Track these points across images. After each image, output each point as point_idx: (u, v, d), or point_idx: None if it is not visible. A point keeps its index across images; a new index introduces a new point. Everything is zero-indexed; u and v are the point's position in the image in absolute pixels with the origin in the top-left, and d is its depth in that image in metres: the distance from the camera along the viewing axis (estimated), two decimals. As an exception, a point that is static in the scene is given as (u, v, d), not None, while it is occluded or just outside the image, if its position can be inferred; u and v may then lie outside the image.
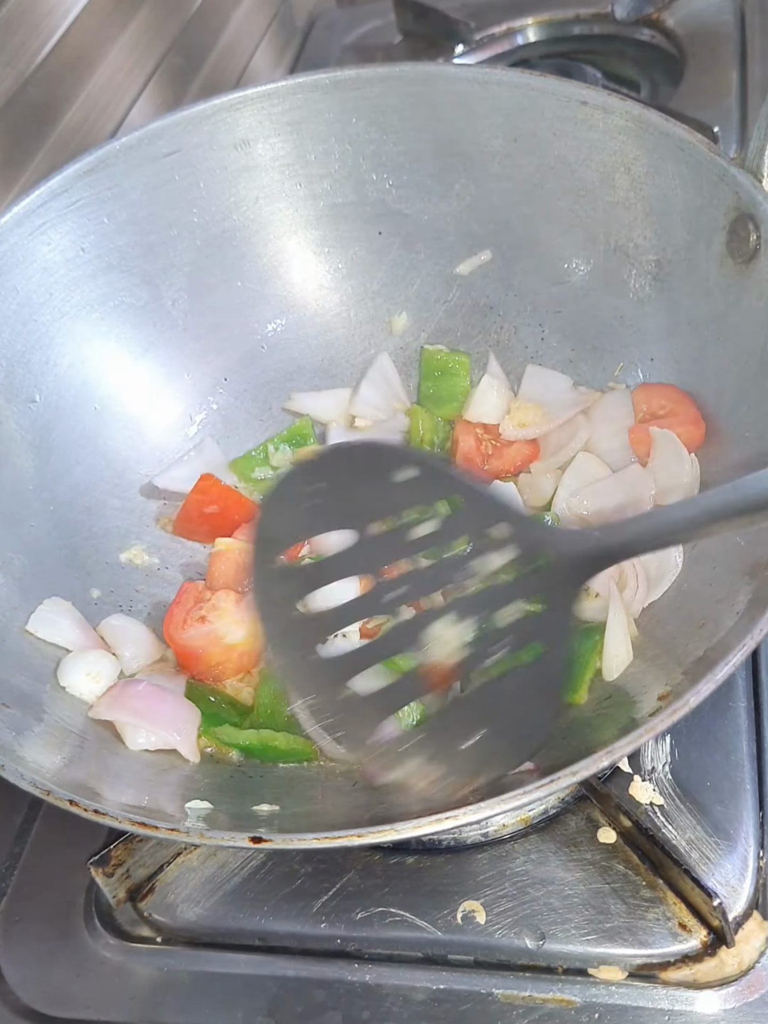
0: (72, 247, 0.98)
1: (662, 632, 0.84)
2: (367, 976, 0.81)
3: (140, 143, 0.99)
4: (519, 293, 1.08)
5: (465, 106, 1.01)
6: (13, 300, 0.94)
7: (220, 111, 1.01)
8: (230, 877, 0.87)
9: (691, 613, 0.81)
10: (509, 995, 0.78)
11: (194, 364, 1.08)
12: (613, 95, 0.95)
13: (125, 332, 1.03)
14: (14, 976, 0.85)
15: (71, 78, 1.28)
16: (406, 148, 1.05)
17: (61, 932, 0.87)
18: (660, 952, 0.78)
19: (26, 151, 1.19)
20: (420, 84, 1.01)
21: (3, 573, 0.85)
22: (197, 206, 1.05)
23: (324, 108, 1.02)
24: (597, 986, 0.77)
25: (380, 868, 0.85)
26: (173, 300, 1.06)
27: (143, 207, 1.01)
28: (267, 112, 1.02)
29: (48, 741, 0.77)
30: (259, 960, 0.83)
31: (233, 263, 1.08)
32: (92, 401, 1.01)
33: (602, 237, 1.00)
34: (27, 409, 0.95)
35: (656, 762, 0.86)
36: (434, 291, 1.11)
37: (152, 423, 1.06)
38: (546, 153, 1.00)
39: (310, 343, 1.12)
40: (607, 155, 0.96)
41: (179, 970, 0.83)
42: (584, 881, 0.82)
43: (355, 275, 1.11)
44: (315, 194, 1.07)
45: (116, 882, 0.85)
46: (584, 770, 0.62)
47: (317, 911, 0.84)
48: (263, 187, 1.06)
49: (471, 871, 0.84)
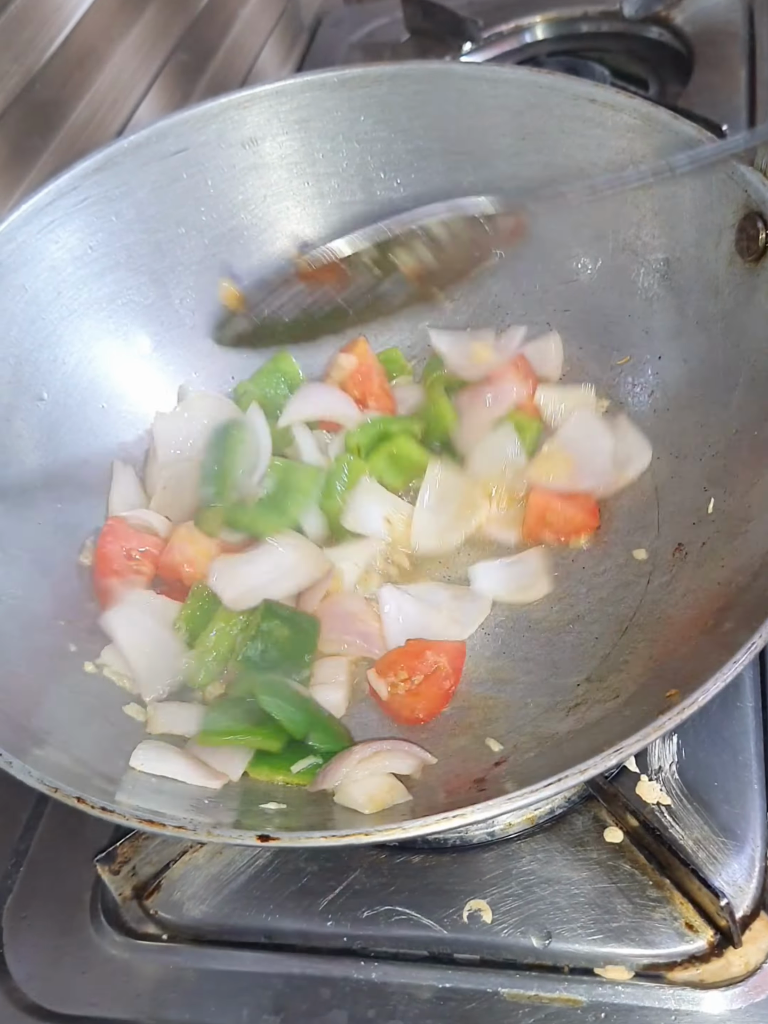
0: (80, 245, 0.98)
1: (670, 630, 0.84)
2: (373, 974, 0.81)
3: (148, 141, 0.99)
4: (527, 291, 1.08)
5: (473, 104, 1.01)
6: (21, 298, 0.94)
7: (228, 109, 1.01)
8: (236, 875, 0.87)
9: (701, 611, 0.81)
10: (515, 994, 0.78)
11: (202, 362, 1.08)
12: (621, 93, 0.95)
13: (133, 330, 1.04)
14: (20, 972, 0.86)
15: (78, 75, 1.28)
16: (414, 146, 1.05)
17: (67, 929, 0.87)
18: (667, 952, 0.78)
19: (33, 148, 1.19)
20: (428, 82, 1.01)
21: (11, 568, 0.85)
22: (205, 204, 1.05)
23: (332, 106, 1.02)
24: (603, 985, 0.77)
25: (386, 867, 0.85)
26: (181, 298, 1.06)
27: (151, 205, 1.02)
28: (275, 110, 1.02)
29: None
30: (265, 958, 0.83)
31: (241, 261, 1.08)
32: (100, 399, 1.01)
33: (610, 235, 1.00)
34: (35, 407, 0.95)
35: (663, 761, 0.86)
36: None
37: (160, 422, 1.06)
38: (554, 151, 1.00)
39: (322, 341, 1.11)
40: (615, 153, 0.96)
41: (185, 967, 0.83)
42: (590, 880, 0.82)
43: (364, 273, 1.10)
44: (322, 192, 1.07)
45: (122, 880, 0.85)
46: (592, 768, 0.62)
47: (323, 909, 0.84)
48: (271, 185, 1.06)
49: (477, 870, 0.84)
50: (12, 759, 0.66)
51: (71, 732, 0.78)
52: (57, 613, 0.88)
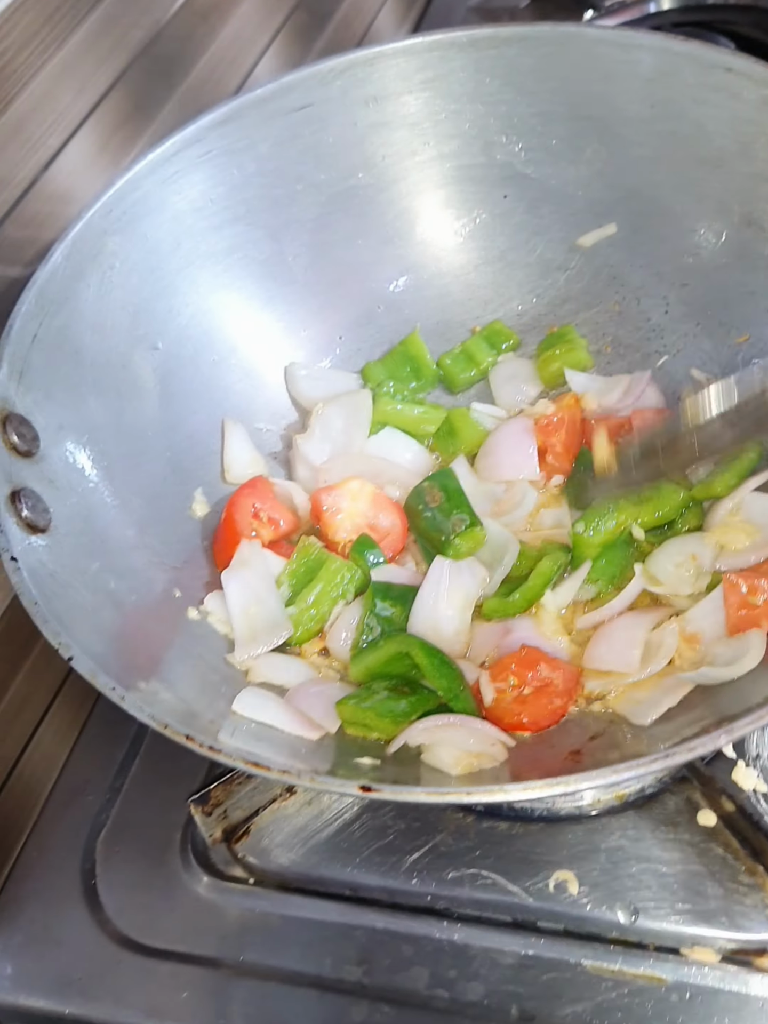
0: (202, 197, 0.99)
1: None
2: (455, 935, 0.81)
3: (274, 95, 0.99)
4: (645, 264, 1.05)
5: (603, 69, 0.98)
6: (143, 247, 0.95)
7: (354, 65, 1.00)
8: (324, 827, 0.88)
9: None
10: (598, 967, 0.78)
11: (312, 320, 1.08)
12: (759, 63, 0.92)
13: (247, 285, 1.04)
14: (111, 904, 0.88)
15: (201, 31, 1.29)
16: (539, 110, 1.03)
17: (157, 866, 0.89)
18: (757, 938, 0.77)
19: (155, 101, 1.20)
20: (558, 45, 0.99)
21: (123, 512, 0.87)
22: (324, 162, 1.04)
23: (459, 66, 1.01)
24: (689, 966, 0.76)
25: (473, 831, 0.86)
26: (295, 255, 1.06)
27: (271, 160, 1.02)
28: (401, 68, 1.01)
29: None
30: (349, 909, 0.84)
31: (356, 221, 1.07)
32: (212, 352, 1.02)
33: (736, 209, 0.97)
34: (150, 356, 0.97)
35: (762, 749, 0.85)
36: (557, 258, 1.09)
37: (268, 377, 1.06)
38: (684, 121, 0.97)
39: (427, 305, 1.11)
40: (747, 125, 0.93)
41: (270, 912, 0.85)
42: (681, 861, 0.81)
43: (478, 238, 1.09)
44: (443, 154, 1.06)
45: (214, 821, 0.87)
46: (701, 747, 0.61)
47: (408, 867, 0.84)
48: (391, 145, 1.05)
49: (565, 841, 0.84)
50: (124, 693, 0.67)
51: (176, 674, 0.79)
52: (164, 558, 0.89)
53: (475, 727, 0.80)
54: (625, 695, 0.80)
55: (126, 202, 0.93)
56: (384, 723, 0.80)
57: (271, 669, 0.86)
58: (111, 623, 0.78)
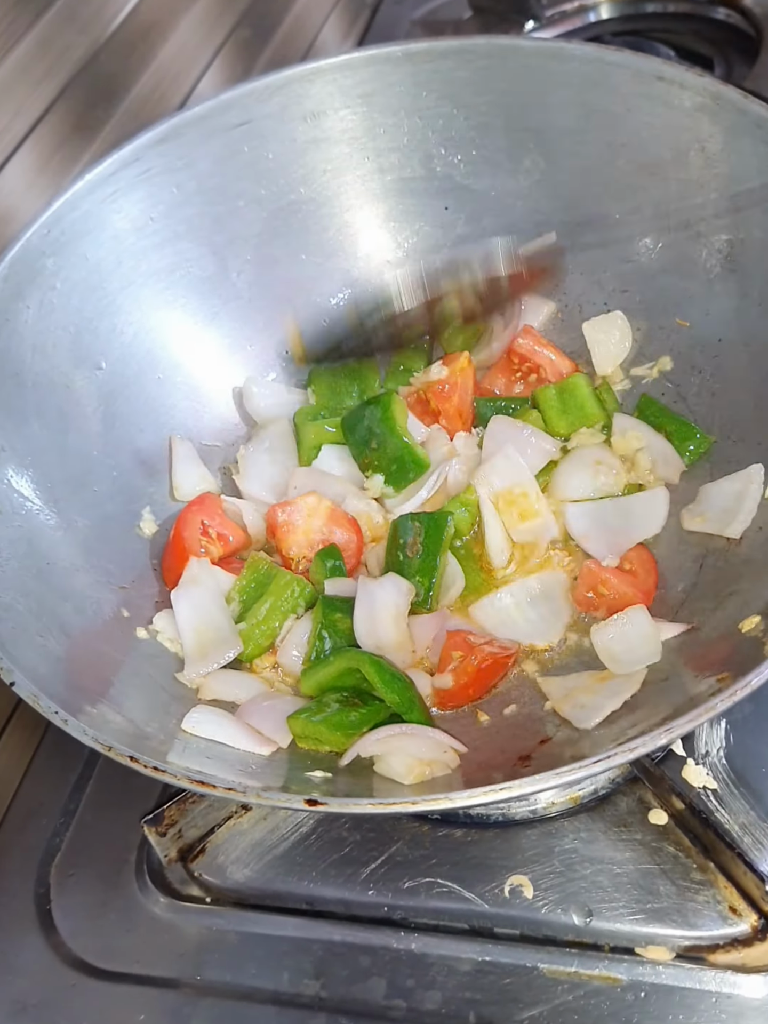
0: (142, 216, 0.99)
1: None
2: (413, 944, 0.81)
3: (212, 113, 1.00)
4: (585, 271, 1.07)
5: (538, 80, 1.00)
6: (83, 267, 0.95)
7: (292, 82, 1.01)
8: (279, 842, 0.88)
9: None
10: (555, 970, 0.78)
11: (257, 336, 1.09)
12: (691, 71, 0.94)
13: (191, 302, 1.04)
14: (66, 928, 0.87)
15: (142, 48, 1.29)
16: (476, 123, 1.04)
17: (112, 888, 0.89)
18: (709, 935, 0.78)
19: (97, 119, 1.20)
20: (494, 57, 1.00)
21: (68, 533, 0.87)
22: (265, 178, 1.05)
23: (396, 80, 1.02)
24: (644, 965, 0.77)
25: (428, 839, 0.86)
26: (238, 271, 1.07)
27: (212, 177, 1.02)
28: (339, 84, 1.02)
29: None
30: (306, 924, 0.84)
31: (299, 236, 1.08)
32: (156, 370, 1.02)
33: (673, 215, 0.99)
34: (93, 376, 0.97)
35: (710, 746, 0.86)
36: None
37: (215, 394, 1.07)
38: (619, 129, 0.99)
39: (372, 318, 1.11)
40: (681, 132, 0.95)
41: (227, 930, 0.85)
42: (633, 861, 0.82)
43: (420, 250, 1.10)
44: (383, 168, 1.07)
45: (168, 841, 0.86)
46: (642, 747, 0.62)
47: (365, 878, 0.85)
48: (331, 160, 1.06)
49: (519, 846, 0.84)
50: (68, 717, 0.67)
51: (123, 695, 0.79)
52: (111, 579, 0.89)
53: (427, 735, 0.80)
54: (570, 699, 0.80)
55: (64, 222, 0.93)
56: (336, 736, 0.81)
57: (222, 686, 0.86)
58: (57, 646, 0.78)
